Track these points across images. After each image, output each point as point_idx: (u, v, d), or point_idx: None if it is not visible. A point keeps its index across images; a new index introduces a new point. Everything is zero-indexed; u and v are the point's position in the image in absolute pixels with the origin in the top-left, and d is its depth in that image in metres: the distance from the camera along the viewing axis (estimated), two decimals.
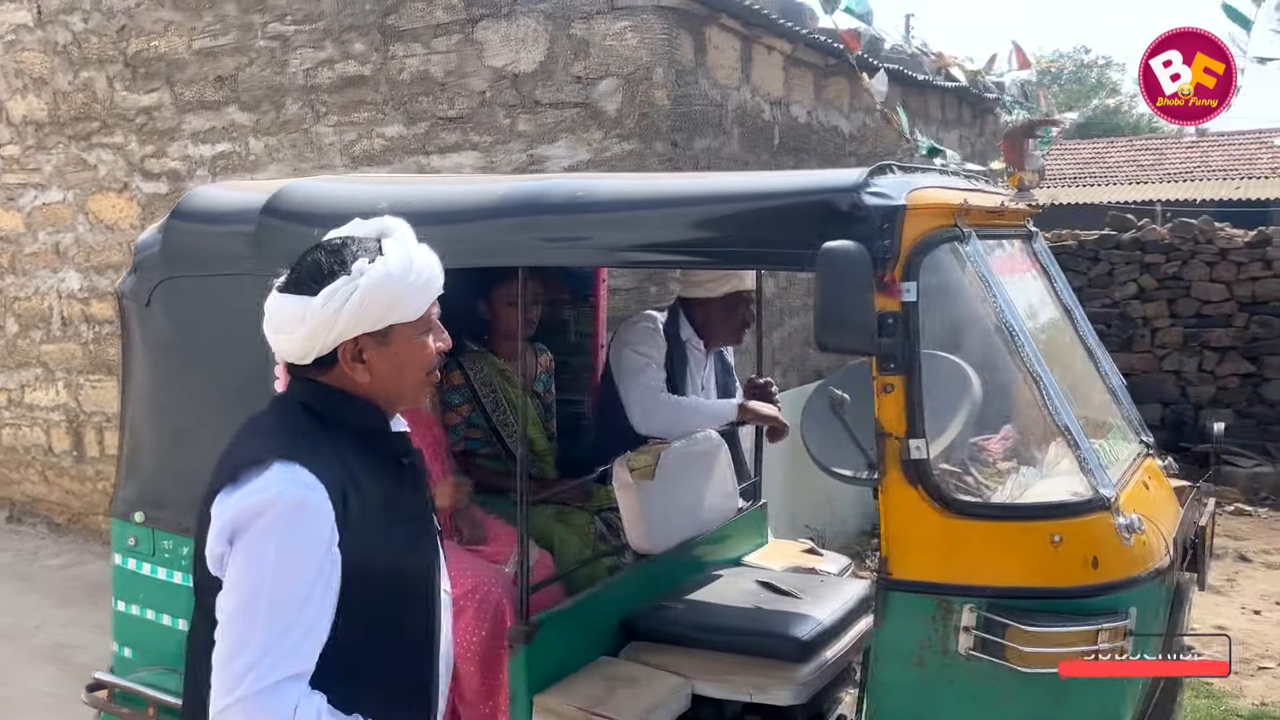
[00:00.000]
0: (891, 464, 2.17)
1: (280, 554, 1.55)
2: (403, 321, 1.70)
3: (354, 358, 1.69)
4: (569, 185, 2.53)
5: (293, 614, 1.55)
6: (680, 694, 2.64)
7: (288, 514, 1.56)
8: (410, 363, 1.73)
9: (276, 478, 1.57)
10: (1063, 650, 2.10)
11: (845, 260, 2.06)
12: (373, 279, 1.65)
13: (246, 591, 1.55)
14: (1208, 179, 20.55)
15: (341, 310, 1.64)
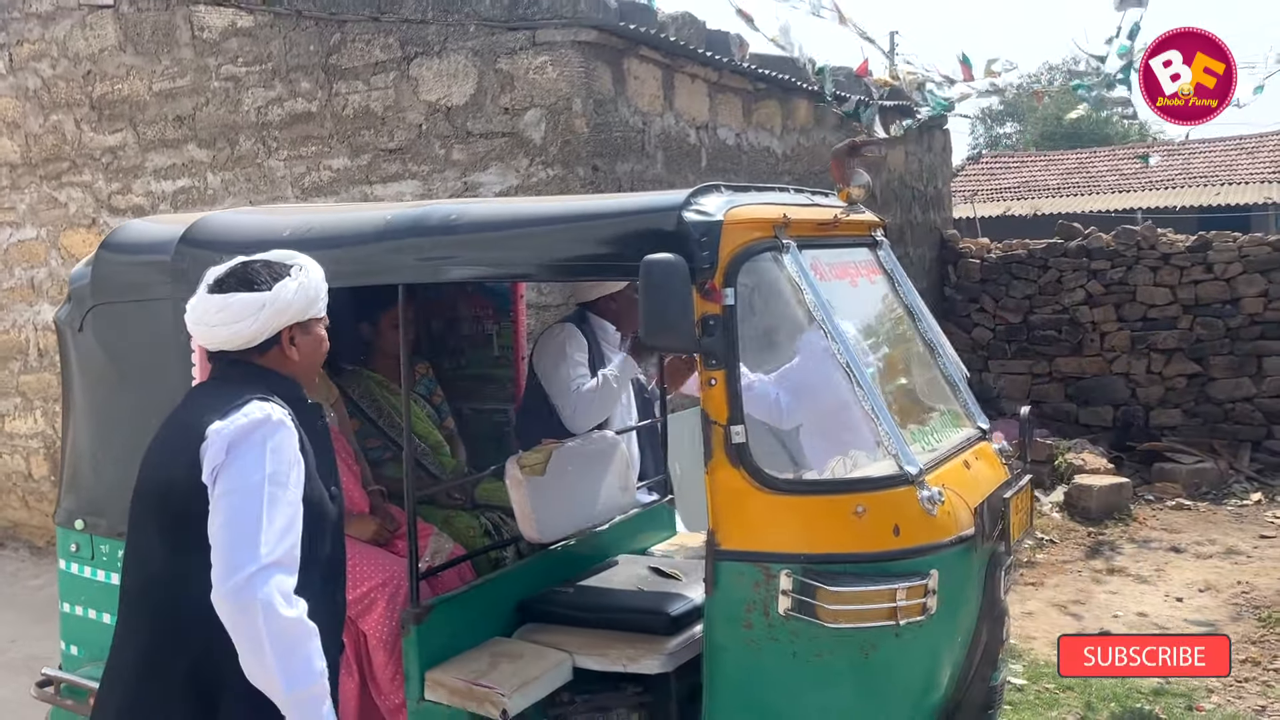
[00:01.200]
0: (717, 448, 2.45)
1: (274, 457, 1.99)
2: (316, 317, 2.24)
3: (290, 340, 2.19)
4: (445, 209, 2.83)
5: (288, 507, 1.99)
6: (561, 667, 2.90)
7: (275, 429, 2.02)
8: (319, 347, 2.28)
9: (259, 406, 2.04)
10: (864, 607, 2.38)
11: (665, 270, 2.35)
12: (309, 278, 2.22)
13: (254, 487, 1.96)
14: (1189, 186, 20.82)
15: (293, 300, 2.16)
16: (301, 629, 1.98)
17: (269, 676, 1.96)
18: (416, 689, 2.84)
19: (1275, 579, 6.14)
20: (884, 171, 8.58)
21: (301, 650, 1.98)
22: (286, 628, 1.95)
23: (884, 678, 2.50)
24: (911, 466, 2.48)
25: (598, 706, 2.91)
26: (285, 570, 1.97)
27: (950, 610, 2.56)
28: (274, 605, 1.93)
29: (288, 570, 1.97)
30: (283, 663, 1.95)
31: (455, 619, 2.96)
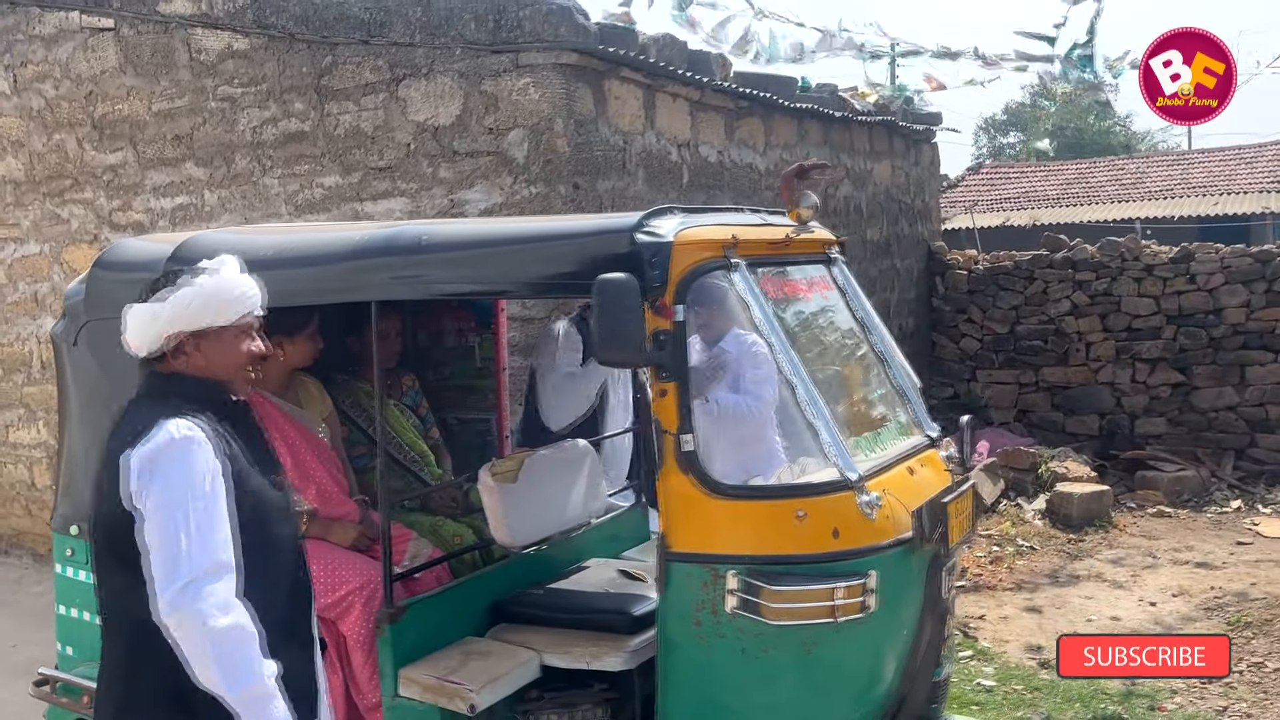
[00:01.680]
0: (668, 456, 2.61)
1: (187, 476, 2.10)
2: (214, 326, 2.27)
3: (177, 350, 2.27)
4: (415, 230, 3.00)
5: (207, 517, 2.10)
6: (529, 665, 3.05)
7: (186, 447, 2.12)
8: (220, 357, 2.30)
9: (169, 427, 2.14)
10: (805, 605, 2.53)
11: (617, 289, 2.51)
12: (187, 291, 2.26)
13: (169, 506, 2.09)
14: (1188, 196, 20.91)
15: (161, 313, 2.25)
16: (237, 634, 2.09)
17: (214, 682, 2.09)
18: (391, 686, 3.00)
19: (1247, 584, 6.27)
20: (870, 185, 8.75)
21: (240, 654, 2.09)
22: (222, 635, 2.06)
23: (827, 672, 2.65)
24: (851, 473, 2.63)
25: (564, 703, 3.05)
26: (214, 578, 2.08)
27: (891, 609, 2.71)
28: (205, 616, 2.05)
29: (216, 577, 2.08)
30: (223, 668, 2.07)
31: (429, 619, 3.12)
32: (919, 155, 9.97)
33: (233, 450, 2.24)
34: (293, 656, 2.27)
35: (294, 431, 3.42)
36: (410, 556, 3.47)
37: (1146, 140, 35.83)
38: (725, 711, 2.67)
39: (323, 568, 3.29)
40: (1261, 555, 6.84)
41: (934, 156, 10.42)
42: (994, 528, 7.41)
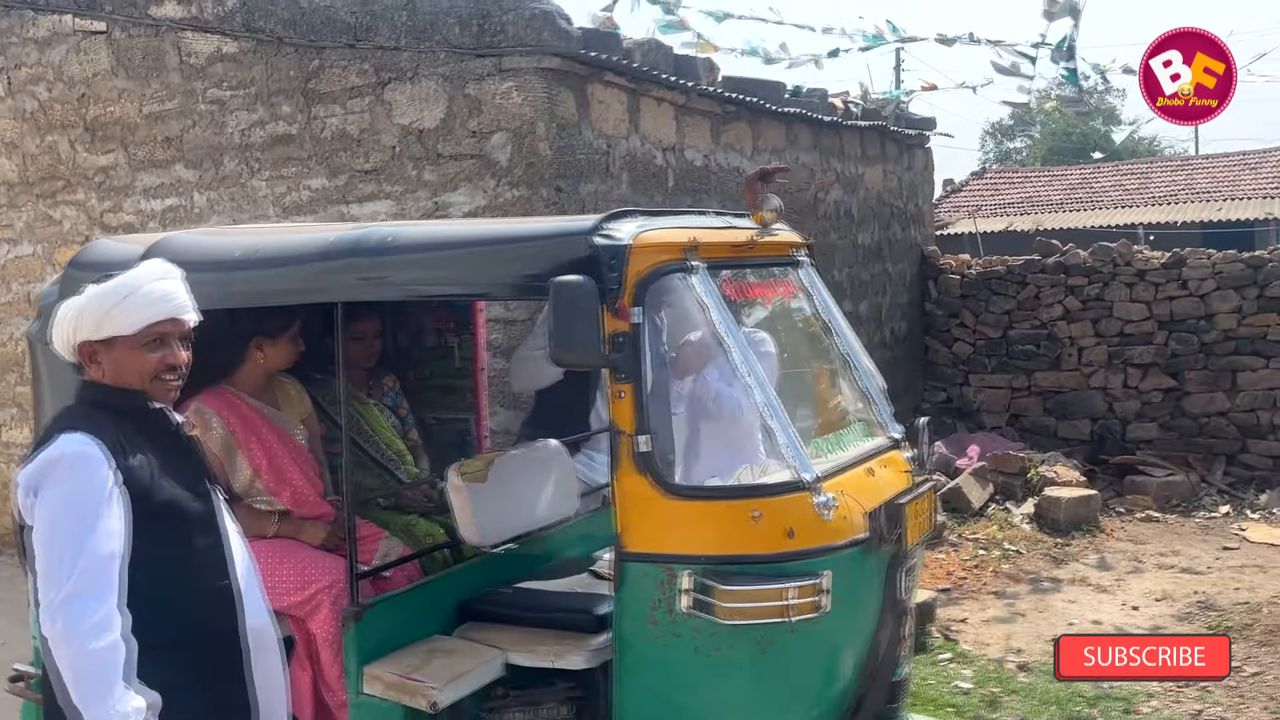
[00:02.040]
0: (624, 456, 2.64)
1: (71, 491, 2.08)
2: (120, 334, 2.23)
3: (88, 358, 2.26)
4: (382, 232, 3.03)
5: (88, 538, 2.07)
6: (493, 663, 3.07)
7: (72, 464, 2.10)
8: (129, 366, 2.26)
9: (61, 442, 2.14)
10: (757, 605, 2.56)
11: (572, 291, 2.54)
12: (84, 298, 2.25)
13: (49, 524, 2.09)
14: (1192, 201, 20.89)
15: (64, 319, 2.26)
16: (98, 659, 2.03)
17: (70, 704, 2.06)
18: (355, 683, 3.03)
19: (1230, 589, 6.27)
20: (861, 189, 8.77)
21: (98, 680, 2.04)
22: (82, 657, 2.03)
23: (782, 671, 2.67)
24: (807, 474, 2.66)
25: (529, 701, 3.08)
26: (86, 598, 2.03)
27: (848, 609, 2.73)
28: (70, 636, 2.03)
29: (89, 597, 2.04)
30: (80, 691, 2.05)
31: (394, 617, 3.15)
32: (912, 160, 9.99)
33: (143, 460, 2.19)
34: (215, 666, 2.27)
35: (270, 433, 3.44)
36: (381, 555, 3.51)
37: (1154, 144, 35.80)
38: (681, 710, 2.70)
39: (292, 567, 3.33)
40: (1247, 560, 6.85)
41: (928, 161, 10.44)
42: (981, 532, 7.42)
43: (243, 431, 3.33)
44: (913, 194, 10.07)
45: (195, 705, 2.23)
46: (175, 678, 2.19)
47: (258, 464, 3.39)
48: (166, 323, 2.27)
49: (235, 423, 3.32)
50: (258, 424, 3.41)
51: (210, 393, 3.33)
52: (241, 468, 3.36)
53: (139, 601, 2.13)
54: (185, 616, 2.24)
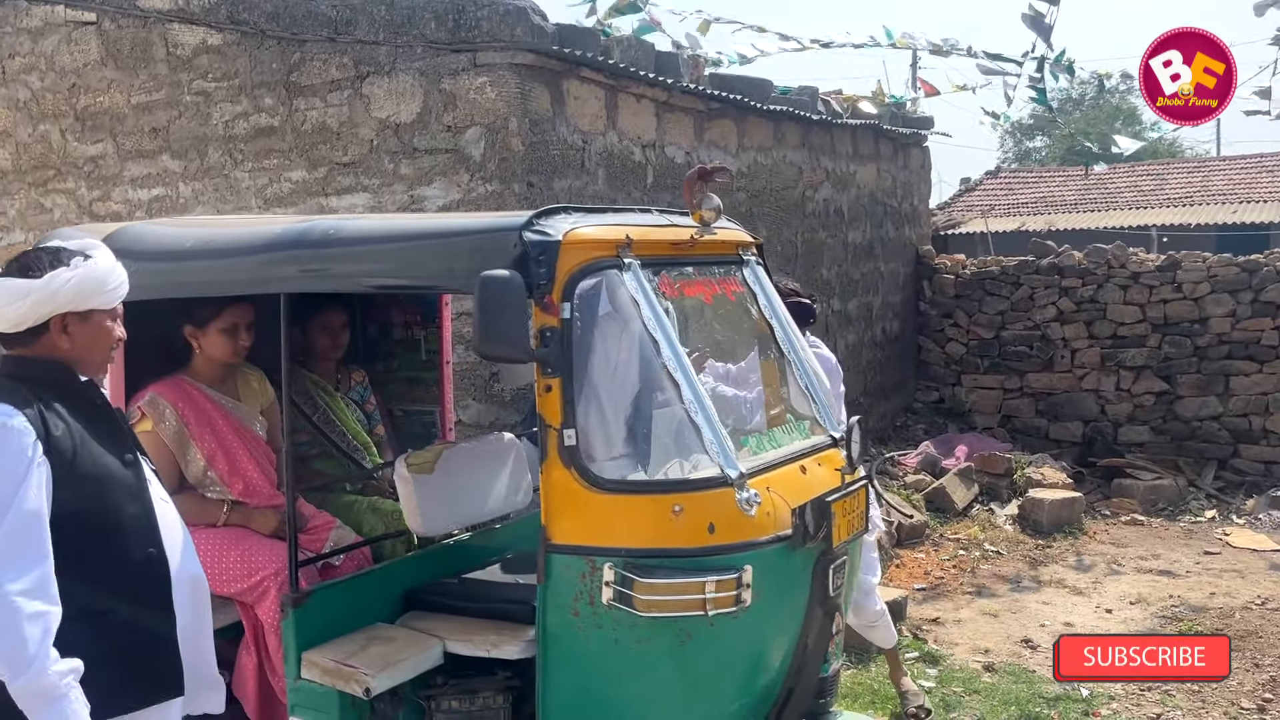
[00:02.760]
0: (551, 450, 2.67)
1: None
2: (100, 309, 2.35)
3: (62, 329, 2.31)
4: (325, 225, 3.06)
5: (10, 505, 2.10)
6: (431, 651, 3.10)
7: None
8: (100, 339, 2.38)
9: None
10: (676, 598, 2.58)
11: (499, 286, 2.56)
12: (84, 272, 2.31)
13: None
14: (1207, 204, 20.74)
15: (60, 291, 2.27)
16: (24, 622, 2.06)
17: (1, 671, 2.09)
18: (294, 668, 3.07)
19: (1206, 594, 6.26)
20: (853, 188, 8.77)
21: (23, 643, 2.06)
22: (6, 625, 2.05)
23: (702, 664, 2.69)
24: (732, 470, 2.68)
25: (467, 689, 3.11)
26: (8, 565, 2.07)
27: (772, 604, 2.76)
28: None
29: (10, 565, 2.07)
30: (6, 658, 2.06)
31: (336, 605, 3.18)
32: (908, 159, 9.98)
33: (66, 430, 2.25)
34: (146, 633, 2.32)
35: (225, 424, 3.48)
36: (332, 543, 3.55)
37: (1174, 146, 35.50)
38: (604, 700, 2.73)
39: (239, 554, 3.38)
40: (1226, 565, 6.84)
41: (924, 160, 10.42)
42: (963, 532, 7.43)
43: (196, 422, 3.37)
44: (908, 193, 10.05)
45: (122, 672, 2.27)
46: (101, 646, 2.23)
47: (211, 454, 3.43)
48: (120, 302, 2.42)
49: (189, 413, 3.36)
50: (212, 414, 3.45)
51: (166, 382, 3.38)
52: (194, 458, 3.40)
53: (67, 570, 2.18)
54: (114, 584, 2.29)
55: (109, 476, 2.31)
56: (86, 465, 2.27)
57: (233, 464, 3.49)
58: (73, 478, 2.23)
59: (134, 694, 2.32)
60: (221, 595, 3.36)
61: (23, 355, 2.34)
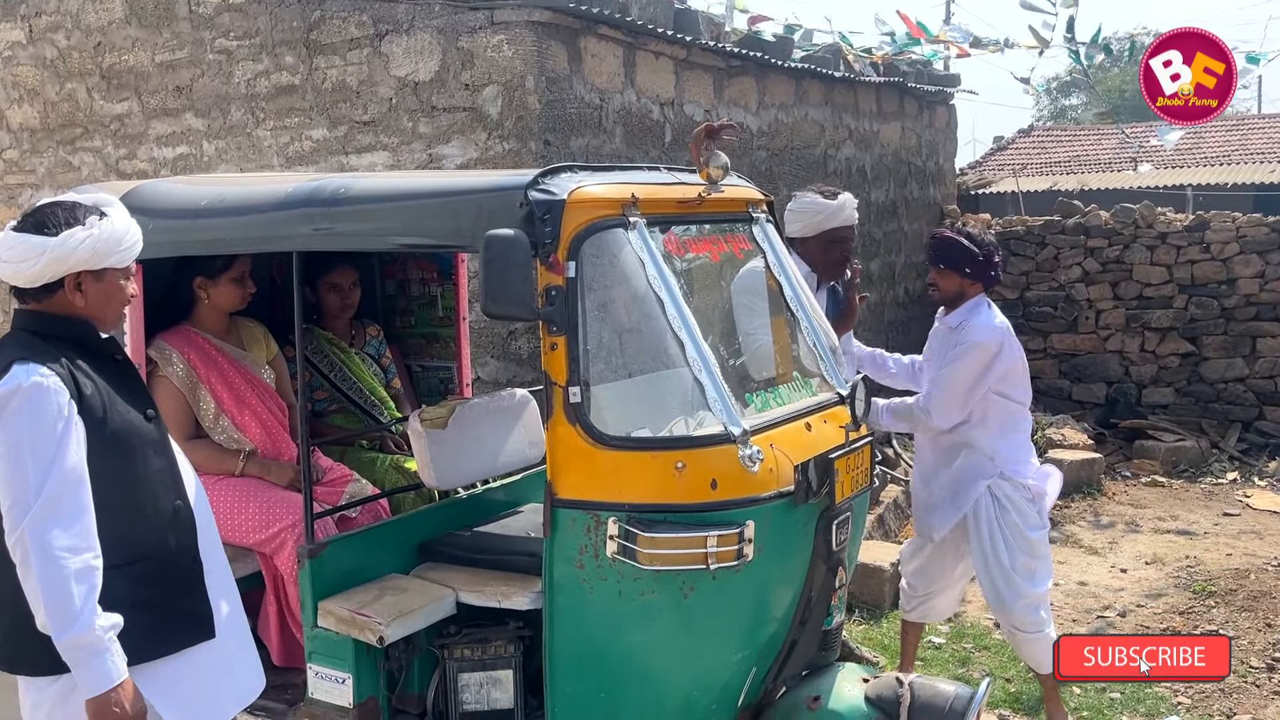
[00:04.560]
0: (557, 407, 2.72)
1: (31, 420, 2.16)
2: (115, 267, 2.36)
3: (75, 287, 2.32)
4: (336, 183, 3.10)
5: (54, 463, 2.15)
6: (443, 601, 3.18)
7: (30, 394, 2.17)
8: (114, 297, 2.39)
9: (17, 372, 2.20)
10: (678, 552, 2.64)
11: (504, 245, 2.60)
12: (101, 232, 2.32)
13: (13, 452, 2.15)
14: (1245, 163, 20.34)
15: (76, 250, 2.28)
16: (71, 577, 2.12)
17: (44, 625, 2.14)
18: (310, 617, 3.16)
19: (1222, 555, 6.26)
20: (876, 146, 8.70)
21: (69, 598, 2.11)
22: (54, 578, 2.11)
23: (704, 616, 2.75)
24: (735, 427, 2.72)
25: (479, 639, 3.19)
26: (55, 520, 2.12)
27: (774, 558, 2.80)
28: (40, 557, 2.10)
29: (57, 519, 2.12)
30: (51, 611, 2.12)
31: (352, 556, 3.26)
32: (933, 117, 9.87)
33: (95, 388, 2.29)
34: (175, 583, 2.39)
35: (234, 372, 3.57)
36: (349, 496, 3.63)
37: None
38: (608, 650, 2.79)
39: (258, 505, 3.47)
40: (1245, 527, 6.82)
41: (950, 118, 10.31)
42: None
43: (204, 367, 3.46)
44: (933, 152, 9.96)
45: (156, 617, 2.35)
46: (137, 594, 2.30)
47: (220, 397, 3.52)
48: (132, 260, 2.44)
49: (196, 359, 3.45)
50: (220, 361, 3.54)
51: (171, 332, 3.46)
52: (205, 401, 3.49)
53: (101, 524, 2.24)
54: (145, 537, 2.35)
55: (136, 432, 2.36)
56: (116, 422, 2.31)
57: (243, 409, 3.57)
58: (104, 435, 2.27)
59: (168, 639, 2.39)
60: (241, 546, 3.47)
61: (39, 310, 2.35)
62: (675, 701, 2.85)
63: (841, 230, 4.00)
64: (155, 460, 2.39)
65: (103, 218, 2.35)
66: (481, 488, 3.79)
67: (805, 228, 3.98)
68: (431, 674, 3.18)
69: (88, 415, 2.25)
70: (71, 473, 2.18)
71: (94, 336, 2.39)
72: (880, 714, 2.90)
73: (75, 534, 2.15)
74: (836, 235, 3.99)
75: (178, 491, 2.44)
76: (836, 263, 4.05)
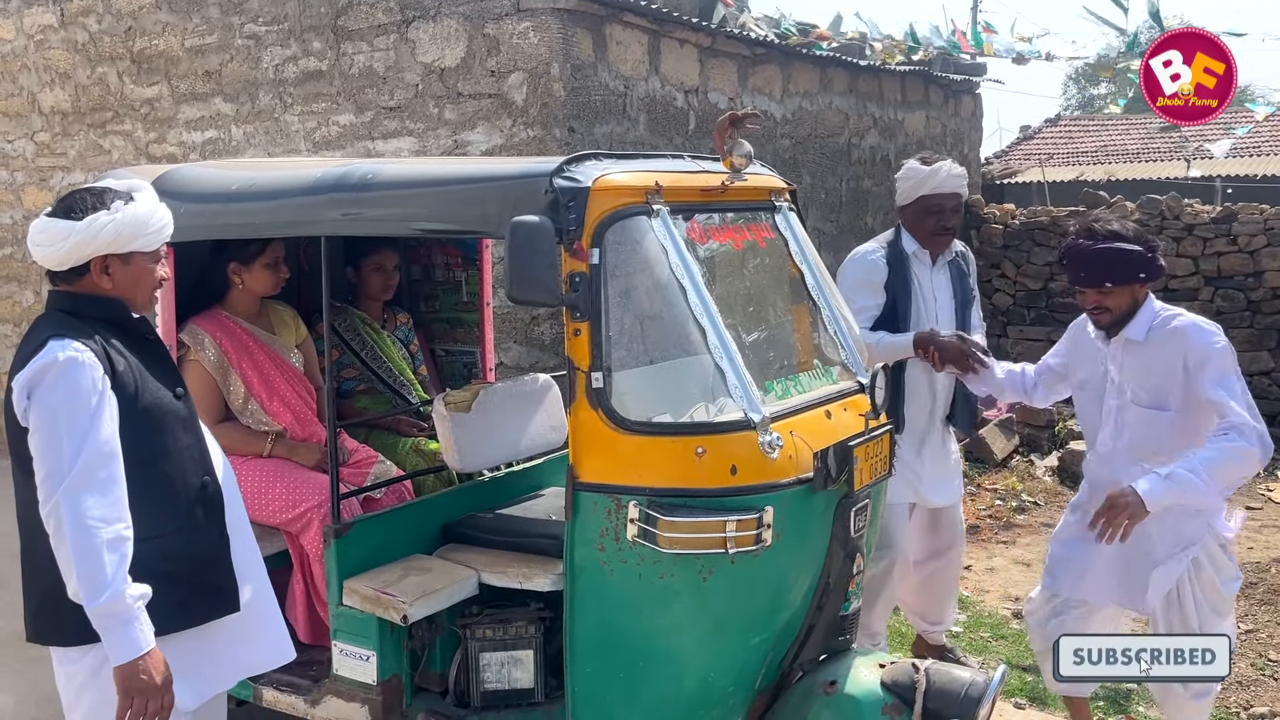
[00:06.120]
0: (579, 392, 2.75)
1: (67, 394, 2.22)
2: (141, 251, 2.41)
3: (102, 270, 2.38)
4: (364, 169, 3.14)
5: (88, 435, 2.20)
6: (466, 582, 3.24)
7: (66, 368, 2.24)
8: (142, 280, 2.44)
9: (53, 347, 2.26)
10: (697, 536, 2.67)
11: (529, 231, 2.63)
12: (126, 216, 2.36)
13: (49, 424, 2.21)
14: (1276, 154, 20.09)
15: (100, 234, 2.34)
16: (103, 546, 2.17)
17: (75, 592, 2.19)
18: (336, 595, 3.22)
19: (1244, 548, 6.24)
20: (900, 135, 8.68)
21: (101, 567, 2.16)
22: (87, 546, 2.15)
23: (722, 600, 2.78)
24: (755, 414, 2.75)
25: (501, 619, 3.24)
26: (90, 490, 2.17)
27: (792, 544, 2.83)
28: (74, 526, 2.15)
29: (91, 489, 2.18)
30: (83, 579, 2.17)
31: (375, 536, 3.32)
32: (959, 106, 9.82)
33: (127, 365, 2.35)
34: (201, 557, 2.45)
35: (263, 355, 3.63)
36: (373, 477, 3.69)
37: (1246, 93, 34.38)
38: (627, 632, 2.83)
39: (285, 486, 3.53)
40: (1268, 521, 6.79)
41: (976, 107, 10.26)
42: (1001, 483, 7.44)
43: (235, 351, 3.52)
44: (958, 141, 9.92)
45: (183, 589, 2.40)
46: (164, 566, 2.35)
47: (249, 381, 3.58)
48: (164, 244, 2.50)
49: (228, 344, 3.51)
50: (250, 345, 3.60)
51: (204, 315, 3.52)
52: (236, 387, 3.55)
53: (130, 497, 2.29)
54: (173, 511, 2.40)
55: (166, 410, 2.42)
56: (147, 399, 2.37)
57: (272, 393, 3.63)
58: (135, 411, 2.33)
59: (194, 612, 2.44)
60: (268, 525, 3.54)
61: (72, 291, 2.41)
62: (693, 683, 2.88)
63: (936, 198, 3.91)
64: (184, 437, 2.45)
65: (129, 203, 2.39)
66: (504, 471, 3.85)
67: (901, 194, 3.96)
68: (453, 653, 3.24)
69: (120, 391, 2.31)
70: (105, 445, 2.23)
71: (126, 316, 2.45)
72: (896, 699, 2.93)
73: (108, 504, 2.20)
74: (931, 204, 3.92)
75: (205, 468, 2.49)
76: (934, 233, 3.96)
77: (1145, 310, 3.27)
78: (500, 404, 3.67)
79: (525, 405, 3.81)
